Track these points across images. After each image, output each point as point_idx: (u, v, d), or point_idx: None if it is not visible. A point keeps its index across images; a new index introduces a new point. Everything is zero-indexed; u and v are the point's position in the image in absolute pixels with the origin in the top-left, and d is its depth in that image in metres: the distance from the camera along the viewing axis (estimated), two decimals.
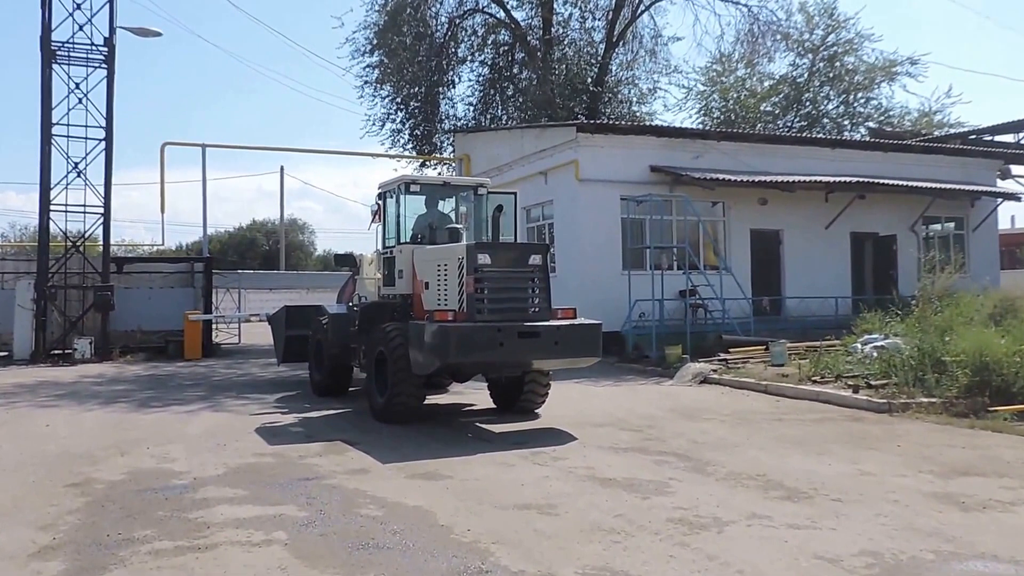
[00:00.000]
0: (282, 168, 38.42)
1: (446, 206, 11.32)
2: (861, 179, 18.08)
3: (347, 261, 12.41)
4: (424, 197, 10.97)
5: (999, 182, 22.34)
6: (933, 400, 10.00)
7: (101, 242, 19.55)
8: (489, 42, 26.94)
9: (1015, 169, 23.55)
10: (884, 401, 10.16)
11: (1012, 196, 21.51)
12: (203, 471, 7.15)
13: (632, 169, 17.14)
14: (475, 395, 11.60)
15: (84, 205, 18.93)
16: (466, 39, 26.85)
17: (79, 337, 18.26)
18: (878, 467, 7.05)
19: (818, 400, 10.98)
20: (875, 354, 12.88)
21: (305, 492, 6.36)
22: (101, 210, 18.99)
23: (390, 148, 26.93)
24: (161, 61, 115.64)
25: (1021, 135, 26.61)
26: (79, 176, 18.86)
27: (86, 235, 19.20)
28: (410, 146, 27.00)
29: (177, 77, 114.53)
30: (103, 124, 18.87)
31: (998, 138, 26.47)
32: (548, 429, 9.24)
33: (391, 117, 26.79)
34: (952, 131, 28.37)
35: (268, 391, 12.91)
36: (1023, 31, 78.08)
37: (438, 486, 6.58)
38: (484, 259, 9.05)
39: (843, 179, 17.78)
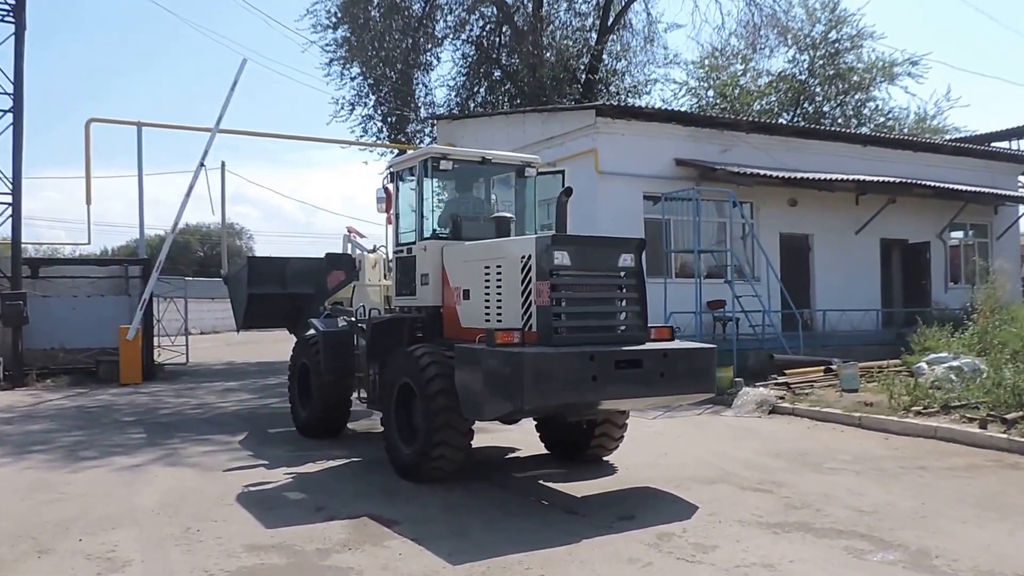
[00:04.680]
0: (223, 164, 34.76)
1: (478, 190, 8.84)
2: (900, 180, 16.35)
3: (342, 262, 9.76)
4: (454, 180, 8.49)
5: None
6: None
7: (10, 240, 16.06)
8: (472, 19, 24.33)
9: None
10: None
11: None
12: None
13: (655, 162, 14.93)
14: (508, 433, 9.10)
15: None
16: (443, 16, 24.22)
17: None
18: None
19: (936, 438, 9.09)
20: (954, 377, 11.20)
21: None
22: (9, 199, 15.56)
23: (361, 136, 24.03)
24: (86, 28, 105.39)
25: (1016, 142, 25.78)
26: None
27: None
28: (384, 134, 24.13)
29: (105, 47, 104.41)
30: (10, 92, 15.49)
31: (993, 145, 25.50)
32: (643, 490, 6.95)
33: (362, 100, 23.96)
34: (949, 136, 27.34)
35: (235, 429, 10.15)
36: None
37: None
38: (562, 259, 6.59)
39: (882, 179, 15.98)
